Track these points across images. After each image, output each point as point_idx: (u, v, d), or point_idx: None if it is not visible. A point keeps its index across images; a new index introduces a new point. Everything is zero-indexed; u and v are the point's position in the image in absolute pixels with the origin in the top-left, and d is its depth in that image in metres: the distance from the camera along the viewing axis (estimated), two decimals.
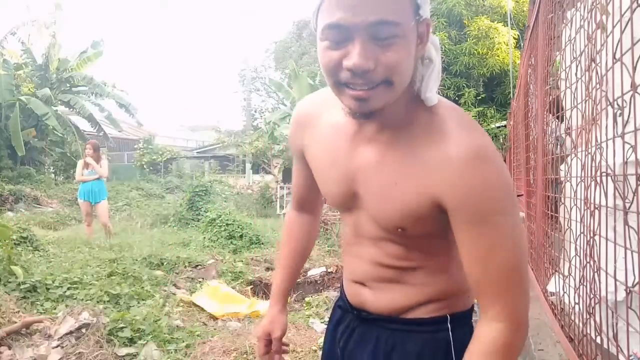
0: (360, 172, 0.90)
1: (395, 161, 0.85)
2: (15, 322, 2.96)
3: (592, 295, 1.12)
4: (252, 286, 4.80)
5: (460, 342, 0.92)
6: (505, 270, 0.80)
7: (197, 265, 5.05)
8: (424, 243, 0.93)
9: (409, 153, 0.84)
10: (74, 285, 3.80)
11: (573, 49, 1.34)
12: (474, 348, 0.84)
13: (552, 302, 1.65)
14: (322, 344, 1.26)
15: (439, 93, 0.91)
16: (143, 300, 3.82)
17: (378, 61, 0.74)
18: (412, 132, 0.84)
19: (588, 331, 1.16)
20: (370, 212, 0.93)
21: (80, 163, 6.98)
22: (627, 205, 0.94)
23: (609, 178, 1.01)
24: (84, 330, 2.86)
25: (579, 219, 1.25)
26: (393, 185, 0.86)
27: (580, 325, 1.23)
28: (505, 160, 7.67)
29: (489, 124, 8.87)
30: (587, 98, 1.19)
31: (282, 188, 14.61)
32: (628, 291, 0.91)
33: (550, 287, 1.69)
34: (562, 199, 1.56)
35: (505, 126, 8.18)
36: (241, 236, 6.92)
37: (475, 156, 0.78)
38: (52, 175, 15.10)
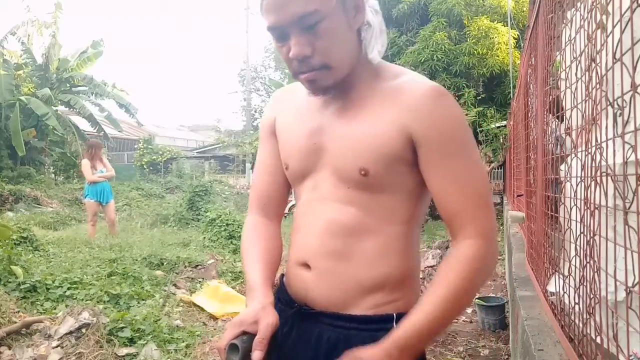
0: (326, 123, 0.96)
1: (362, 106, 0.93)
2: (15, 322, 2.96)
3: (592, 295, 1.13)
4: None
5: None
6: (478, 194, 0.87)
7: (197, 265, 5.05)
8: (384, 202, 0.93)
9: (374, 99, 0.92)
10: (74, 285, 3.80)
11: (573, 49, 1.34)
12: (450, 262, 0.87)
13: (552, 302, 1.65)
14: None
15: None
16: (143, 300, 3.82)
17: (314, 48, 0.85)
18: (375, 87, 0.93)
19: (588, 331, 1.16)
20: (334, 159, 0.95)
21: (87, 163, 6.73)
22: (627, 205, 0.94)
23: (609, 178, 1.01)
24: (84, 330, 2.86)
25: (579, 219, 1.25)
26: (359, 124, 0.92)
27: (580, 325, 1.23)
28: (505, 160, 7.66)
29: (489, 124, 8.86)
30: (587, 98, 1.19)
31: None
32: (628, 291, 0.91)
33: (550, 287, 1.69)
34: (562, 199, 1.56)
35: (505, 126, 8.18)
36: (241, 236, 6.91)
37: (437, 92, 0.88)
38: (52, 175, 15.10)
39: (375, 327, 0.91)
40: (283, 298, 1.07)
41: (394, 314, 0.92)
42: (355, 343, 0.87)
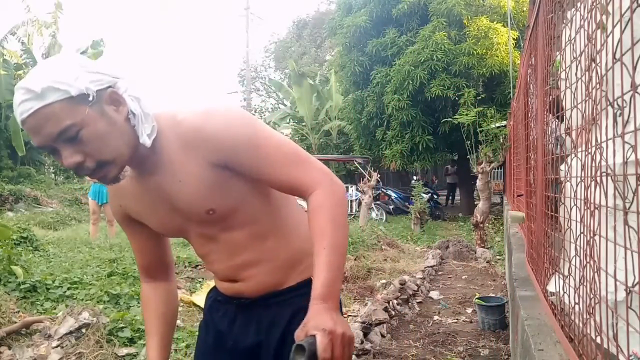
0: (161, 196, 1.09)
1: (170, 171, 1.04)
2: (15, 322, 2.96)
3: (592, 295, 1.12)
4: None
5: None
6: (289, 157, 1.01)
7: (197, 265, 5.05)
8: (242, 214, 1.10)
9: (171, 162, 1.03)
10: (74, 285, 3.80)
11: (573, 49, 1.34)
12: (310, 215, 1.00)
13: (552, 302, 1.65)
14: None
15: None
16: None
17: (85, 153, 0.93)
18: (165, 156, 1.03)
19: (588, 331, 1.16)
20: (186, 214, 1.09)
21: None
22: (627, 205, 0.94)
23: (609, 178, 1.01)
24: (84, 330, 2.86)
25: (578, 219, 1.25)
26: (179, 183, 1.04)
27: (580, 325, 1.23)
28: (505, 160, 7.66)
29: (489, 124, 8.85)
30: (587, 98, 1.19)
31: None
32: (628, 291, 0.91)
33: (550, 287, 1.69)
34: (562, 199, 1.56)
35: (505, 126, 8.17)
36: None
37: (201, 119, 1.00)
38: (52, 175, 15.10)
39: (303, 291, 1.07)
40: (221, 298, 1.26)
41: (310, 278, 1.02)
42: (289, 311, 1.13)
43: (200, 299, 4.11)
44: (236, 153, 0.99)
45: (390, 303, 4.27)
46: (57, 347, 2.76)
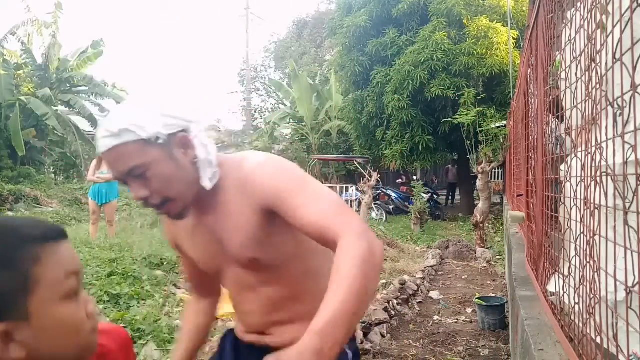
0: (210, 235, 1.16)
1: (226, 212, 1.11)
2: None
3: (592, 295, 1.12)
4: None
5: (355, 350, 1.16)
6: (328, 208, 0.99)
7: None
8: (283, 272, 1.15)
9: (227, 203, 1.10)
10: None
11: (573, 49, 1.34)
12: (337, 264, 0.91)
13: (552, 302, 1.65)
14: None
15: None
16: (143, 300, 3.82)
17: (151, 189, 1.03)
18: (222, 197, 1.11)
19: (588, 331, 1.16)
20: (232, 258, 1.15)
21: (93, 163, 6.95)
22: (627, 205, 0.94)
23: (609, 178, 1.01)
24: None
25: (578, 219, 1.25)
26: (228, 232, 1.11)
27: (580, 325, 1.23)
28: (505, 160, 7.66)
29: (489, 124, 8.85)
30: (587, 98, 1.19)
31: None
32: (628, 291, 0.91)
33: (550, 287, 1.69)
34: (562, 199, 1.56)
35: (505, 126, 8.17)
36: None
37: (256, 164, 1.07)
38: (52, 175, 15.09)
39: None
40: (245, 345, 1.29)
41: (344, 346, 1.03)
42: None
43: None
44: (277, 198, 1.03)
45: (390, 303, 4.27)
46: None
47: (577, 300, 1.27)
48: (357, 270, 0.87)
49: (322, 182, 1.22)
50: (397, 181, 16.62)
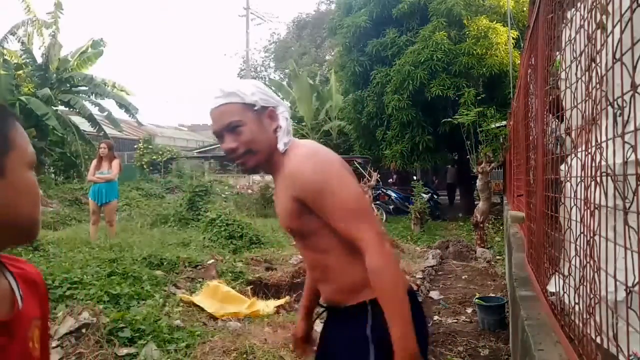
0: (276, 201, 1.45)
1: (279, 185, 1.41)
2: None
3: (592, 295, 1.12)
4: (252, 286, 4.79)
5: (376, 314, 1.32)
6: (350, 213, 1.28)
7: (197, 265, 5.04)
8: (314, 243, 1.39)
9: (283, 178, 1.37)
10: (74, 285, 3.80)
11: (573, 49, 1.34)
12: (370, 276, 1.27)
13: (552, 302, 1.65)
14: None
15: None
16: (143, 300, 3.82)
17: (239, 141, 1.34)
18: (284, 167, 1.37)
19: (588, 331, 1.16)
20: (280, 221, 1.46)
21: (93, 163, 6.96)
22: (627, 205, 0.94)
23: (609, 178, 1.01)
24: (84, 330, 2.86)
25: (578, 219, 1.25)
26: (279, 200, 1.41)
27: (580, 325, 1.23)
28: (505, 160, 7.66)
29: (489, 124, 8.85)
30: (587, 98, 1.19)
31: None
32: (628, 291, 0.91)
33: (550, 287, 1.69)
34: (562, 199, 1.56)
35: (505, 126, 8.17)
36: (241, 236, 6.91)
37: (303, 158, 1.33)
38: (52, 175, 15.08)
39: (357, 312, 1.38)
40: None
41: (365, 301, 1.35)
42: (343, 327, 1.43)
43: (200, 299, 4.11)
44: (310, 197, 1.29)
45: None
46: (57, 347, 2.76)
47: (577, 300, 1.27)
48: (392, 295, 1.26)
49: None
50: (389, 180, 16.66)
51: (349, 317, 1.41)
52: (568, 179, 1.43)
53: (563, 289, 1.46)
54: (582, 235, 1.22)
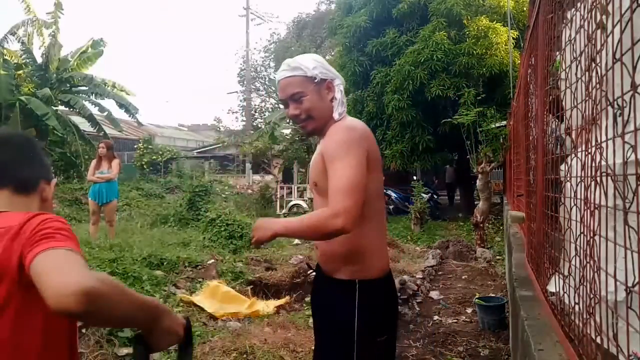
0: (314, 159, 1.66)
1: (320, 145, 1.61)
2: None
3: (592, 295, 1.12)
4: (252, 286, 4.79)
5: (363, 297, 1.52)
6: (340, 187, 1.41)
7: (197, 265, 5.04)
8: (326, 203, 1.45)
9: (324, 139, 1.59)
10: None
11: (573, 49, 1.34)
12: (313, 213, 1.51)
13: (552, 302, 1.65)
14: None
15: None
16: None
17: (301, 109, 1.59)
18: (327, 136, 1.59)
19: (588, 331, 1.16)
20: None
21: (92, 163, 6.95)
22: (627, 205, 0.94)
23: (609, 178, 1.01)
24: (83, 330, 2.86)
25: (579, 219, 1.25)
26: (314, 157, 1.63)
27: (580, 325, 1.23)
28: (505, 160, 7.66)
29: (489, 124, 8.84)
30: (587, 98, 1.19)
31: (282, 188, 14.59)
32: (628, 291, 0.91)
33: (550, 287, 1.69)
34: (562, 199, 1.56)
35: (505, 126, 8.17)
36: (241, 236, 6.91)
37: (341, 128, 1.55)
38: (52, 175, 15.06)
39: (347, 288, 1.55)
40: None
41: (356, 280, 1.55)
42: (333, 297, 1.61)
43: (200, 299, 4.11)
44: (326, 158, 1.50)
45: None
46: None
47: (577, 300, 1.27)
48: (314, 223, 1.44)
49: None
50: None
51: (336, 291, 1.58)
52: (568, 179, 1.43)
53: (563, 289, 1.46)
54: (582, 235, 1.22)
